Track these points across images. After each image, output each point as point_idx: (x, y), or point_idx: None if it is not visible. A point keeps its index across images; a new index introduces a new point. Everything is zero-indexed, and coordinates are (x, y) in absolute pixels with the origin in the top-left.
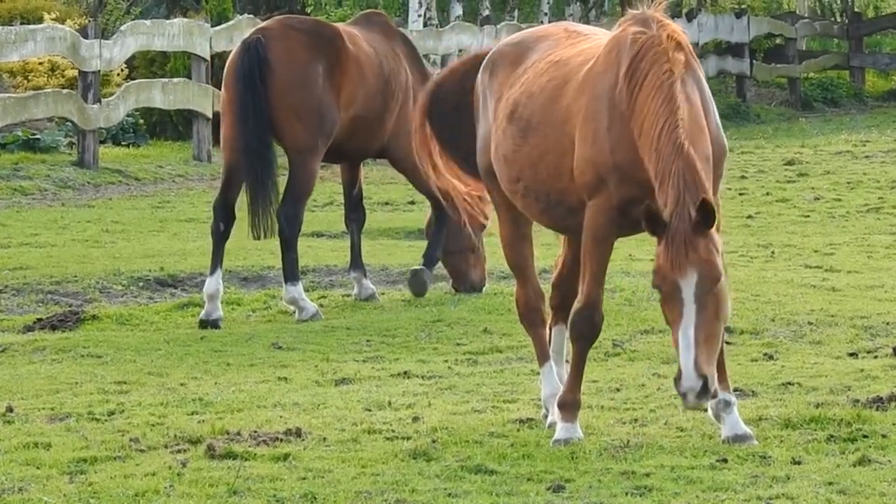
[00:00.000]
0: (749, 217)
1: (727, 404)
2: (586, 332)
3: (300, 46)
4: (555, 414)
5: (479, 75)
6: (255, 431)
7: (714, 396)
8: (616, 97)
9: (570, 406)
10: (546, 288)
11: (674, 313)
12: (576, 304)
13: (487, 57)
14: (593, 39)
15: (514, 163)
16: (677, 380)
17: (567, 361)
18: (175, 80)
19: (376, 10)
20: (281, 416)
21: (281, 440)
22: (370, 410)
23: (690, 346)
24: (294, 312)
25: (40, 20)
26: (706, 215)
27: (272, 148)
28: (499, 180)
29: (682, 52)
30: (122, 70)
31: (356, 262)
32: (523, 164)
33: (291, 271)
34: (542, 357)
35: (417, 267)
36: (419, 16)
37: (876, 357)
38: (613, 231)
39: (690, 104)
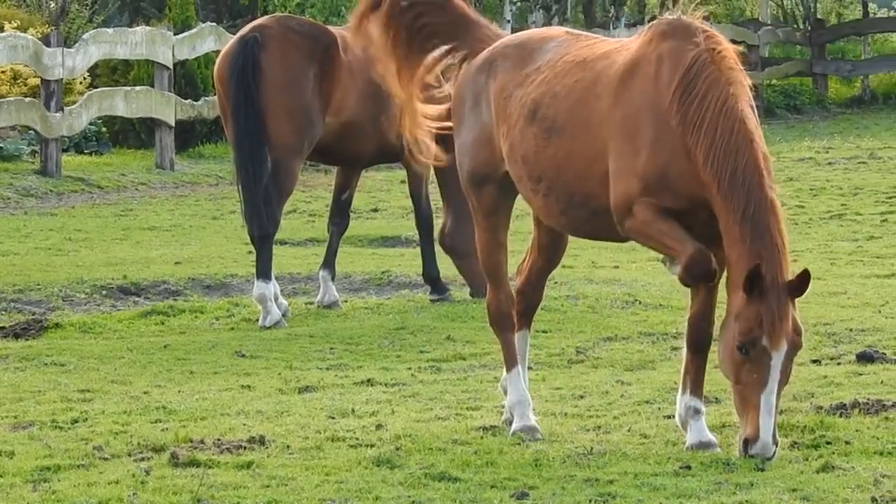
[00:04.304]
0: None
1: (696, 412)
2: (704, 271)
3: (295, 49)
4: (524, 419)
5: (471, 76)
6: (219, 439)
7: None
8: (664, 110)
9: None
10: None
11: (756, 377)
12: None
13: (482, 59)
14: (609, 42)
15: (536, 163)
16: (749, 441)
17: (531, 368)
18: (138, 88)
19: None
20: (244, 424)
21: (244, 448)
22: (333, 418)
23: (772, 413)
24: (259, 317)
25: (1, 29)
26: (805, 286)
27: (264, 145)
28: (515, 180)
29: (738, 70)
30: (84, 78)
31: (328, 263)
32: (546, 164)
33: (264, 269)
34: (511, 362)
35: (434, 297)
36: None
37: (839, 364)
38: (661, 210)
39: (756, 126)
